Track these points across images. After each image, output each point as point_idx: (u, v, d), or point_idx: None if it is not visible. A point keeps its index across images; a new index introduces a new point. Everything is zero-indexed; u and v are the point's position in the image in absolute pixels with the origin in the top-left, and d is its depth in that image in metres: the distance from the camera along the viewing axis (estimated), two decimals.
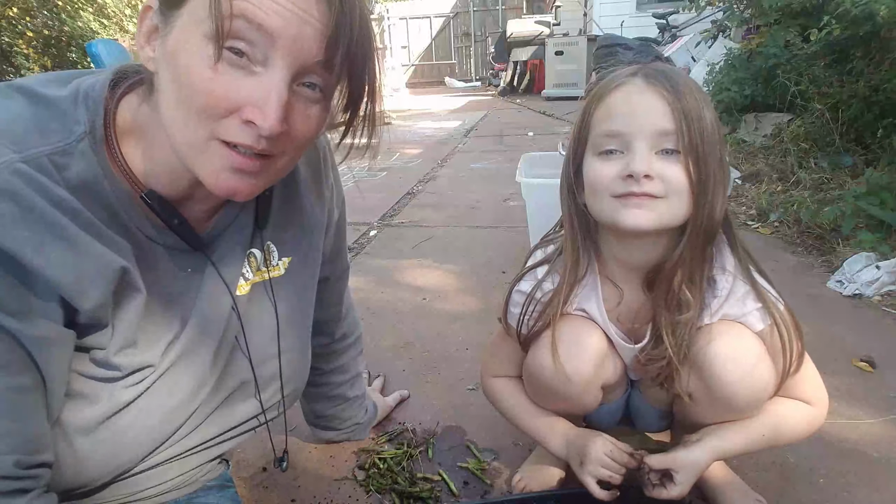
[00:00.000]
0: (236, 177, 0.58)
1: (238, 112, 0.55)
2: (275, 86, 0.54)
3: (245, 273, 0.76)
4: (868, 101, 2.82)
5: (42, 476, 0.59)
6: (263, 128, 0.54)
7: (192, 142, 0.57)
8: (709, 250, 0.81)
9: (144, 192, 0.62)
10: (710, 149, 0.73)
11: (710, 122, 0.74)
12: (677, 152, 0.73)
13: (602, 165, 0.77)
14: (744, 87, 3.66)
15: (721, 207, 0.76)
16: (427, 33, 14.28)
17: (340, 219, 0.95)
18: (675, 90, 0.73)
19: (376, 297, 2.04)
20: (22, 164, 0.53)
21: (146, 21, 0.58)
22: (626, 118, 0.75)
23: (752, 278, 0.83)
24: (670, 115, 0.72)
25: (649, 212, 0.74)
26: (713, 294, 0.83)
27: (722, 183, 0.76)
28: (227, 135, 0.56)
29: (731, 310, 0.84)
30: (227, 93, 0.54)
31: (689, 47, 5.33)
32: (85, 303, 0.56)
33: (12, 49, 6.99)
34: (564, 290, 0.88)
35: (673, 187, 0.74)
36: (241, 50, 0.53)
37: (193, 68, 0.53)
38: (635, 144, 0.74)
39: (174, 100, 0.56)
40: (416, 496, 1.09)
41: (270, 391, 0.82)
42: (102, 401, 0.63)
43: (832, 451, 1.16)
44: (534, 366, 0.92)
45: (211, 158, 0.57)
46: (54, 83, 0.61)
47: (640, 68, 0.77)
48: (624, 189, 0.74)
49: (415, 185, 3.77)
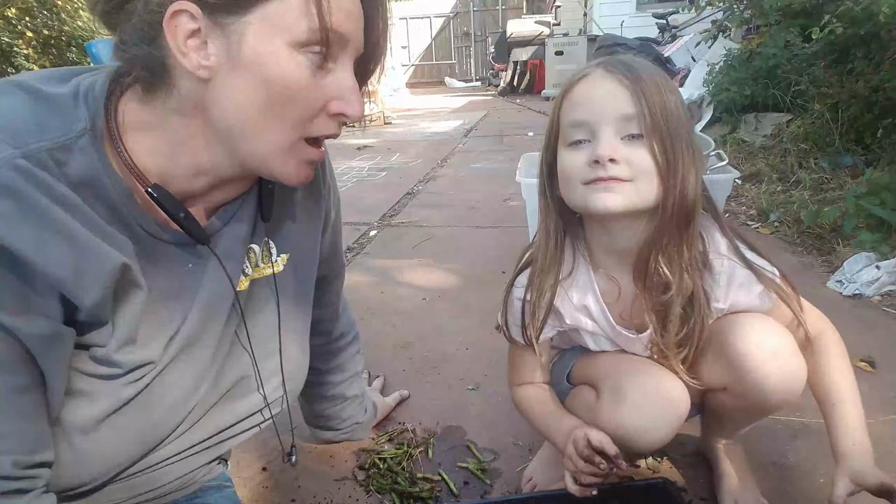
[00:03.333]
0: (312, 167, 0.67)
1: (324, 109, 0.62)
2: (352, 79, 0.62)
3: (244, 269, 0.76)
4: (868, 101, 2.82)
5: (41, 476, 0.58)
6: (354, 117, 0.63)
7: (279, 145, 0.62)
8: (691, 231, 0.81)
9: (150, 186, 0.61)
10: (675, 130, 0.76)
11: (673, 104, 0.76)
12: (641, 136, 0.75)
13: (571, 155, 0.80)
14: (744, 88, 3.66)
15: (694, 188, 0.78)
16: (427, 33, 14.28)
17: (337, 218, 0.95)
18: (634, 76, 0.76)
19: (376, 297, 2.04)
20: (22, 160, 0.52)
21: (181, 25, 0.55)
22: (589, 107, 0.78)
23: (746, 259, 0.84)
24: (630, 100, 0.75)
25: (617, 195, 0.76)
26: (712, 277, 0.84)
27: (693, 164, 0.77)
28: (314, 131, 0.63)
29: (739, 298, 0.85)
30: (321, 94, 0.61)
31: (689, 47, 5.32)
32: (85, 300, 0.56)
33: (12, 49, 6.98)
34: (538, 278, 0.89)
35: (639, 170, 0.76)
36: (321, 53, 0.59)
37: (292, 78, 0.58)
38: (600, 131, 0.76)
39: (257, 105, 0.58)
40: (416, 496, 1.09)
41: (271, 387, 0.82)
42: (103, 399, 0.63)
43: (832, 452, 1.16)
44: (610, 422, 0.86)
45: (294, 156, 0.63)
46: (55, 80, 0.61)
47: (602, 60, 0.80)
48: (592, 175, 0.77)
49: (415, 185, 3.77)
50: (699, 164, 0.79)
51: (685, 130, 0.77)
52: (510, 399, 1.37)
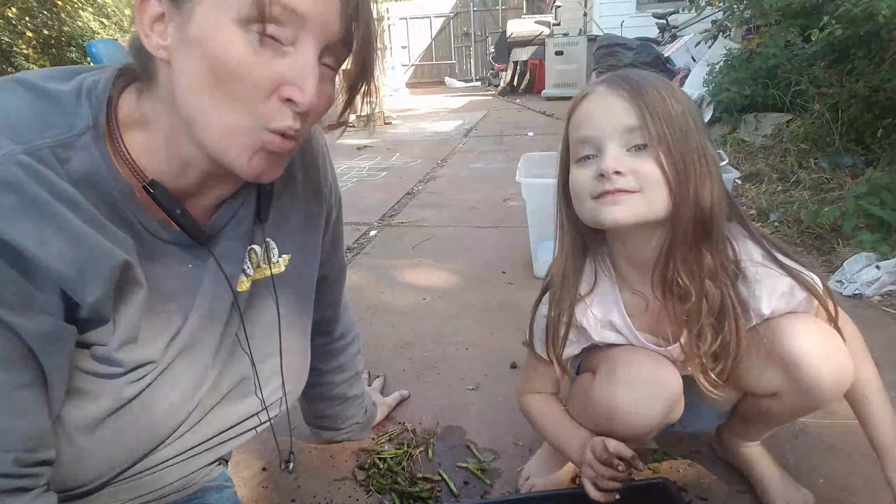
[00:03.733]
0: (273, 158, 0.61)
1: (276, 92, 0.57)
2: (309, 63, 0.57)
3: (246, 269, 0.76)
4: (868, 101, 2.82)
5: (42, 474, 0.58)
6: (303, 103, 0.57)
7: (228, 128, 0.58)
8: (713, 239, 0.80)
9: (147, 182, 0.61)
10: (683, 138, 0.75)
11: (678, 112, 0.76)
12: (646, 147, 0.76)
13: (580, 171, 0.81)
14: (744, 88, 3.66)
15: (710, 195, 0.77)
16: (427, 33, 14.27)
17: (338, 218, 0.95)
18: (635, 89, 0.77)
19: (376, 296, 2.04)
20: (24, 156, 0.52)
21: (148, 9, 0.57)
22: (593, 123, 0.79)
23: (785, 266, 0.84)
24: (632, 112, 0.76)
25: (625, 206, 0.76)
26: (746, 286, 0.84)
27: (707, 171, 0.77)
28: (273, 121, 0.58)
29: (781, 305, 0.85)
30: (269, 73, 0.56)
31: (689, 47, 5.33)
32: (86, 296, 0.56)
33: (12, 49, 6.99)
34: (555, 295, 0.89)
35: (646, 180, 0.76)
36: (273, 33, 0.55)
37: (231, 54, 0.54)
38: (605, 145, 0.77)
39: (207, 87, 0.56)
40: (416, 496, 1.09)
41: (270, 388, 0.82)
42: (104, 397, 0.63)
43: (832, 451, 1.16)
44: (600, 399, 0.90)
45: (249, 145, 0.59)
46: (57, 78, 0.61)
47: (605, 77, 0.82)
48: (600, 188, 0.77)
49: (415, 185, 3.77)
50: (715, 172, 0.78)
51: (696, 138, 0.76)
52: (510, 399, 1.38)
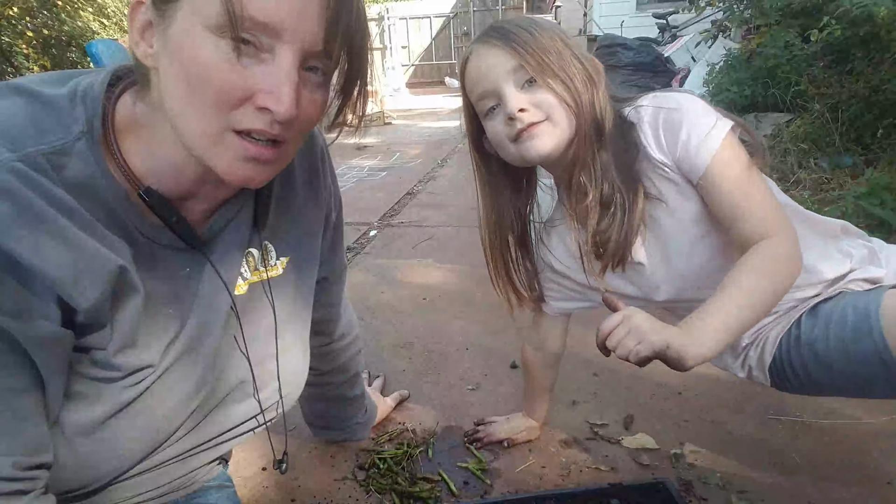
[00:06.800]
0: (250, 165, 0.60)
1: (251, 100, 0.56)
2: (286, 71, 0.56)
3: (243, 273, 0.75)
4: (868, 101, 2.82)
5: (41, 478, 0.58)
6: (279, 112, 0.56)
7: (205, 133, 0.57)
8: (605, 137, 0.86)
9: (142, 190, 0.62)
10: (559, 59, 0.83)
11: (547, 38, 0.84)
12: (535, 80, 0.83)
13: (492, 123, 0.88)
14: (744, 88, 3.66)
15: (600, 99, 0.85)
16: (427, 33, 14.26)
17: (338, 219, 0.95)
18: (504, 35, 0.84)
19: (376, 296, 2.04)
20: (19, 164, 0.52)
21: (138, 17, 0.58)
22: (483, 77, 0.86)
23: (675, 98, 0.86)
24: (509, 54, 0.83)
25: (541, 138, 0.83)
26: (640, 130, 0.86)
27: (589, 78, 0.85)
28: (242, 123, 0.57)
29: (674, 145, 0.84)
30: (241, 82, 0.55)
31: (689, 47, 5.33)
32: (83, 302, 0.56)
33: (12, 49, 7.00)
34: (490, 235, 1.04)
35: (548, 107, 0.83)
36: (248, 39, 0.54)
37: (204, 60, 0.54)
38: (502, 91, 0.84)
39: (183, 93, 0.56)
40: (416, 496, 1.09)
41: (268, 391, 0.82)
42: (102, 401, 0.63)
43: (832, 451, 1.16)
44: None
45: (226, 149, 0.58)
46: (52, 82, 0.61)
47: (477, 37, 0.89)
48: (514, 131, 0.84)
49: (415, 185, 3.77)
50: (597, 78, 0.86)
51: (569, 54, 0.84)
52: (510, 399, 1.38)
